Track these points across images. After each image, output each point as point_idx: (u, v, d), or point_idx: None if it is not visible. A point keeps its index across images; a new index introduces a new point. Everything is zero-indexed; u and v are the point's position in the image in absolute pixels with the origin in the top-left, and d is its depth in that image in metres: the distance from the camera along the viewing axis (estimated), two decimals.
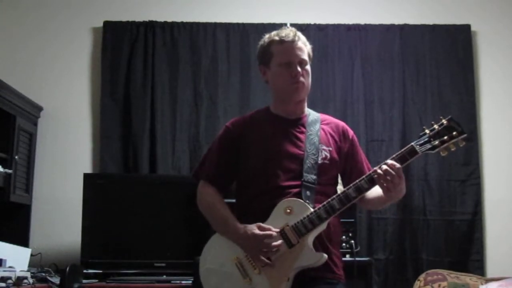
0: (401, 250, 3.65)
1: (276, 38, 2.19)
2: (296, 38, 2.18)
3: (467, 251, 3.64)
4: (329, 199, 2.04)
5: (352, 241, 3.11)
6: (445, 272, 3.19)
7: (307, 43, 2.23)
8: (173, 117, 3.76)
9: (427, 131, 2.02)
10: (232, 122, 2.28)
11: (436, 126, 2.01)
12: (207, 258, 2.16)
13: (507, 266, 3.53)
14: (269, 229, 2.04)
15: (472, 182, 3.72)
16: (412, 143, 2.02)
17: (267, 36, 2.24)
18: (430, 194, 3.71)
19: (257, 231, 2.04)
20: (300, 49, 2.18)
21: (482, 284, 3.08)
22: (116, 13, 3.85)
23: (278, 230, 2.04)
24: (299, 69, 2.15)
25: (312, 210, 2.04)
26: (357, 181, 2.04)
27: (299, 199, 2.07)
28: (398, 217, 3.67)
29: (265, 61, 2.24)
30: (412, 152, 2.01)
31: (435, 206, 3.70)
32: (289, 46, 2.17)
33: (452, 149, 2.02)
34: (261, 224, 2.06)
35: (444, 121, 2.01)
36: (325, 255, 2.04)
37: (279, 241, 2.02)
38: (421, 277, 3.18)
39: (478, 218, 3.69)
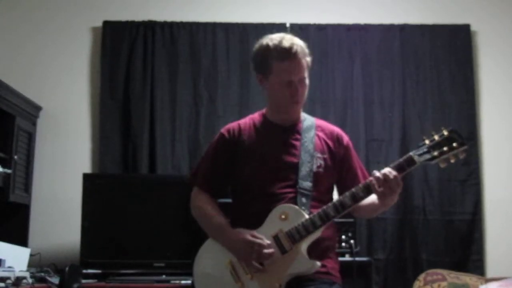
0: (401, 250, 3.65)
1: (275, 53, 2.11)
2: (298, 53, 2.10)
3: (467, 251, 3.64)
4: (324, 207, 2.02)
5: (352, 241, 3.11)
6: (444, 272, 3.19)
7: (305, 52, 2.15)
8: (172, 117, 3.76)
9: (426, 141, 1.99)
10: (227, 129, 2.26)
11: (436, 137, 1.98)
12: (201, 261, 2.16)
13: (507, 266, 3.53)
14: (262, 238, 2.03)
15: (472, 182, 3.72)
16: (411, 153, 2.00)
17: (264, 42, 2.16)
18: (430, 194, 3.70)
19: (249, 237, 2.03)
20: (301, 65, 2.11)
21: (482, 284, 3.08)
22: (116, 12, 3.85)
23: (271, 235, 2.03)
24: (299, 87, 2.13)
25: (307, 216, 2.02)
26: (353, 189, 2.02)
27: (294, 205, 2.05)
28: (398, 217, 3.67)
29: (262, 71, 2.18)
30: (410, 162, 1.99)
31: (435, 206, 3.69)
32: (290, 64, 2.10)
33: (452, 161, 1.98)
34: (254, 233, 2.05)
35: (445, 132, 1.98)
36: (318, 263, 2.02)
37: (272, 249, 2.01)
38: (421, 277, 3.18)
39: (478, 218, 3.69)
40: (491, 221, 3.71)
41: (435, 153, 1.97)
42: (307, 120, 2.25)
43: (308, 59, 2.17)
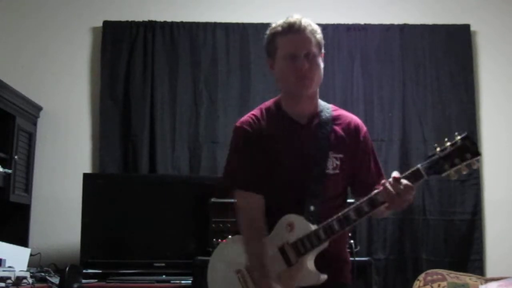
0: (401, 250, 3.65)
1: (280, 28, 2.03)
2: (302, 27, 1.99)
3: (466, 251, 3.64)
4: (329, 220, 1.91)
5: (352, 241, 3.10)
6: (444, 272, 3.19)
7: (317, 32, 2.03)
8: (173, 117, 3.76)
9: (438, 149, 1.81)
10: (248, 123, 2.08)
11: (448, 146, 1.80)
12: (213, 267, 2.11)
13: (506, 266, 3.53)
14: None
15: (472, 182, 3.72)
16: (419, 165, 1.84)
17: (273, 25, 2.08)
18: (430, 194, 3.70)
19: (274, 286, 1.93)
20: (307, 39, 1.98)
21: (481, 284, 3.08)
22: (116, 13, 3.85)
23: (277, 247, 1.96)
24: (305, 62, 1.97)
25: (312, 229, 1.93)
26: (358, 202, 1.91)
27: (300, 216, 1.96)
28: (398, 217, 3.66)
29: (270, 53, 2.07)
30: (418, 175, 1.84)
31: (435, 206, 3.69)
32: (294, 37, 1.98)
33: (464, 173, 1.82)
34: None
35: (459, 141, 1.79)
36: (325, 276, 1.94)
37: None
38: (421, 277, 3.18)
39: (478, 218, 3.69)
40: (491, 221, 3.71)
41: (445, 166, 1.81)
42: (324, 111, 2.10)
43: (319, 36, 2.04)
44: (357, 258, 3.01)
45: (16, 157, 3.35)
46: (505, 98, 3.86)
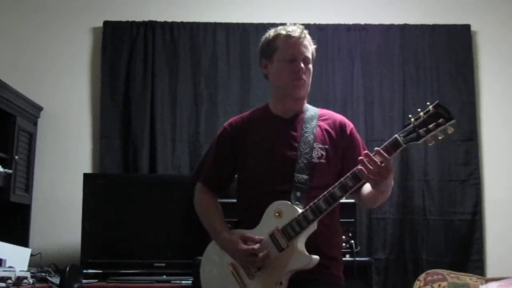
0: (401, 250, 3.66)
1: (283, 32, 2.16)
2: (303, 35, 2.16)
3: (467, 251, 3.64)
4: (316, 200, 1.99)
5: (352, 241, 3.11)
6: (445, 272, 3.20)
7: (312, 43, 2.21)
8: (173, 117, 3.77)
9: (412, 119, 1.91)
10: (230, 123, 2.27)
11: (421, 114, 1.90)
12: (206, 265, 2.17)
13: (506, 266, 3.53)
14: (253, 239, 2.03)
15: (472, 182, 3.73)
16: (396, 135, 1.92)
17: (273, 30, 2.21)
18: (430, 194, 3.71)
19: (241, 246, 2.03)
20: (306, 46, 2.15)
21: (482, 284, 3.08)
22: (116, 13, 3.85)
23: (268, 234, 2.02)
24: (302, 66, 2.13)
25: (299, 212, 2.00)
26: (342, 179, 1.98)
27: (287, 201, 2.04)
28: (398, 217, 3.67)
29: (268, 54, 2.20)
30: (396, 144, 1.91)
31: (435, 206, 3.70)
32: (295, 41, 2.14)
33: (440, 138, 1.89)
34: (244, 234, 2.05)
35: (431, 108, 1.89)
36: (317, 257, 2.00)
37: (264, 251, 2.00)
38: (421, 277, 3.19)
39: (478, 218, 3.69)
40: (491, 221, 3.71)
41: (421, 132, 1.88)
42: (310, 110, 2.23)
43: (313, 47, 2.20)
44: (357, 258, 3.02)
45: (16, 157, 3.36)
46: (505, 98, 3.86)
